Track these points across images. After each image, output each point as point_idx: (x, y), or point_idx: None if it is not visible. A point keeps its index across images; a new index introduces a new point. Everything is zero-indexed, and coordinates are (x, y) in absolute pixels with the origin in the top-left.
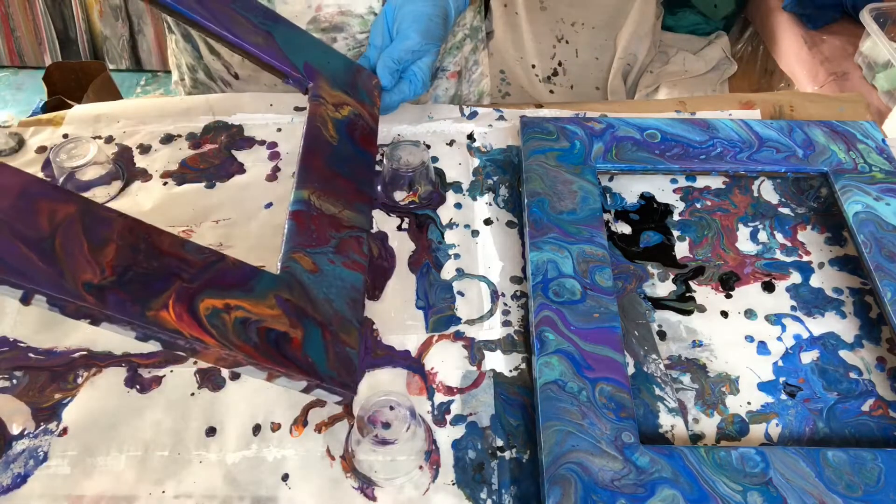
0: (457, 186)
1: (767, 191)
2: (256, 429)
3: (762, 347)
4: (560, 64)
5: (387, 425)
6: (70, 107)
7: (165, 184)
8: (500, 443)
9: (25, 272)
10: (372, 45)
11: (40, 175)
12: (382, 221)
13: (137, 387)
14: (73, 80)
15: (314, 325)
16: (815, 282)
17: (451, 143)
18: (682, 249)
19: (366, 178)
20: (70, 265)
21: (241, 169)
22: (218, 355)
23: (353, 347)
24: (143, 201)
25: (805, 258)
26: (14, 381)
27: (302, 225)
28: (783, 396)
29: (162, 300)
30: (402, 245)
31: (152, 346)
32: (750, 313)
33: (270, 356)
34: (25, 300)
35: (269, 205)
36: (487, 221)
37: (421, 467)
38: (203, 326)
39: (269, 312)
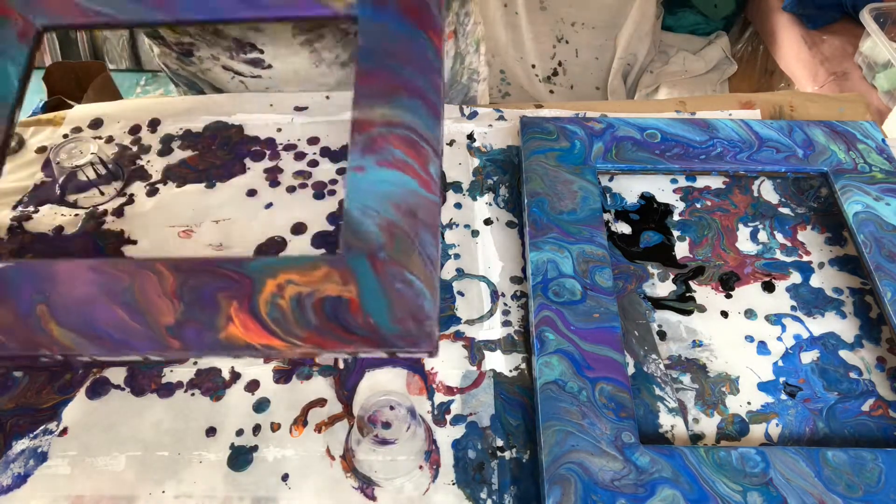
0: (457, 186)
1: (767, 191)
2: (256, 429)
3: (762, 347)
4: (560, 64)
5: (387, 425)
6: (70, 107)
7: (165, 184)
8: (500, 443)
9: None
10: None
11: (40, 175)
12: None
13: (137, 387)
14: (73, 80)
15: (360, 256)
16: (815, 282)
17: (451, 143)
18: (682, 249)
19: (422, 68)
20: (152, 313)
21: (241, 169)
22: (292, 353)
23: (414, 272)
24: (143, 201)
25: (805, 258)
26: (14, 382)
27: None
28: (783, 396)
29: (224, 314)
30: None
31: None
32: (750, 313)
33: (334, 334)
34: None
35: (270, 205)
36: (487, 221)
37: (421, 467)
38: (268, 328)
39: (316, 274)
